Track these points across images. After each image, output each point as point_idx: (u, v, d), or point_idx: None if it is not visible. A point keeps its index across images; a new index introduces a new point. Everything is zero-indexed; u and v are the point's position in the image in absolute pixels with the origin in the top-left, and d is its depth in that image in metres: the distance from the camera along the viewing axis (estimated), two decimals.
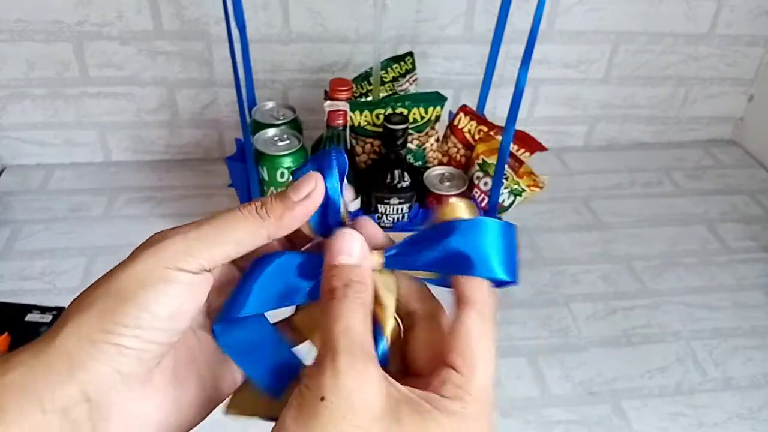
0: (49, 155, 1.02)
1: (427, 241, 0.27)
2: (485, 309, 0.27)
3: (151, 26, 0.92)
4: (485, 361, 0.26)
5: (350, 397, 0.23)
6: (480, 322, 0.26)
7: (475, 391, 0.25)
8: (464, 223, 0.27)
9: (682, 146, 1.16)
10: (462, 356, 0.26)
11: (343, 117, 0.75)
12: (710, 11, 1.02)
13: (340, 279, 0.26)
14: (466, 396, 0.25)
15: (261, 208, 0.27)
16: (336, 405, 0.23)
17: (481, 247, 0.27)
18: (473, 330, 0.26)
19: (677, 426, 0.69)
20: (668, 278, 0.87)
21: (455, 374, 0.26)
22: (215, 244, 0.26)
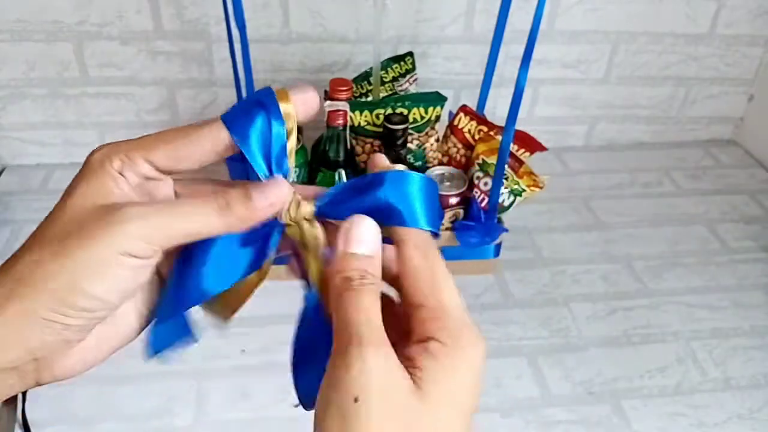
0: (49, 155, 1.02)
1: (356, 191, 0.28)
2: (421, 239, 0.28)
3: (151, 26, 0.92)
4: (445, 285, 0.27)
5: (382, 390, 0.23)
6: (421, 251, 0.27)
7: (450, 315, 0.26)
8: (391, 174, 0.28)
9: (682, 146, 1.16)
10: (421, 290, 0.27)
11: (343, 117, 0.75)
12: (710, 11, 1.02)
13: (357, 270, 0.27)
14: (442, 324, 0.26)
15: (225, 206, 0.27)
16: (370, 402, 0.23)
17: (408, 198, 0.28)
18: (419, 262, 0.27)
19: (677, 426, 0.69)
20: (668, 278, 0.87)
21: (423, 309, 0.26)
22: (173, 234, 0.26)
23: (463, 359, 0.25)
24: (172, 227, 0.26)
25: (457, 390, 0.25)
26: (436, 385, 0.24)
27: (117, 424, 0.66)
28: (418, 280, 0.27)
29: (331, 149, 0.77)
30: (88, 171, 0.28)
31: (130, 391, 0.69)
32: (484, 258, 0.84)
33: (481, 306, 0.82)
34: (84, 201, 0.27)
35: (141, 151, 0.28)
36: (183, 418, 0.67)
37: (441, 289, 0.27)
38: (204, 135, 0.28)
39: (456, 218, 0.81)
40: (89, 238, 0.25)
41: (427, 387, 0.24)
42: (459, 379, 0.25)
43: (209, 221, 0.27)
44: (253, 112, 0.28)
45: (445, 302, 0.26)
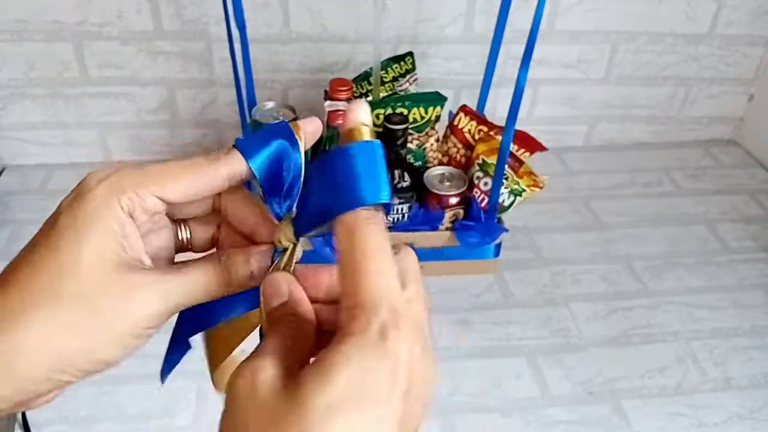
0: (49, 155, 1.02)
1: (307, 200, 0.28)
2: (348, 223, 0.24)
3: (151, 26, 0.92)
4: (362, 270, 0.23)
5: (244, 396, 0.23)
6: (345, 236, 0.24)
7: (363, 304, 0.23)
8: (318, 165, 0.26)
9: (682, 146, 1.16)
10: (342, 279, 0.24)
11: (343, 117, 0.75)
12: (710, 11, 1.02)
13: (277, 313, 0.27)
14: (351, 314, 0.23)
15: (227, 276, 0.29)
16: (232, 407, 0.23)
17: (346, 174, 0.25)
18: (343, 247, 0.24)
19: (677, 426, 0.69)
20: (668, 278, 0.87)
21: (342, 301, 0.24)
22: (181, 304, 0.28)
23: (360, 348, 0.22)
24: (184, 299, 0.28)
25: (342, 381, 0.21)
26: (315, 380, 0.22)
27: (117, 424, 0.66)
28: (341, 264, 0.24)
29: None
30: (93, 209, 0.26)
31: (130, 391, 0.69)
32: (484, 258, 0.84)
33: (481, 306, 0.82)
34: (99, 254, 0.26)
35: (151, 187, 0.27)
36: (183, 418, 0.67)
37: (360, 271, 0.23)
38: (221, 169, 0.28)
39: (456, 218, 0.81)
40: (112, 316, 0.26)
41: (305, 384, 0.22)
42: (345, 372, 0.21)
43: (213, 290, 0.29)
44: (270, 141, 0.28)
45: (360, 286, 0.23)
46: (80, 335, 0.26)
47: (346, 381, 0.21)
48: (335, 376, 0.21)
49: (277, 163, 0.28)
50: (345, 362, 0.22)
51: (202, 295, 0.29)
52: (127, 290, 0.26)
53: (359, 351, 0.22)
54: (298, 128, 0.29)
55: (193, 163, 0.28)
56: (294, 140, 0.29)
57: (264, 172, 0.28)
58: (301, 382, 0.22)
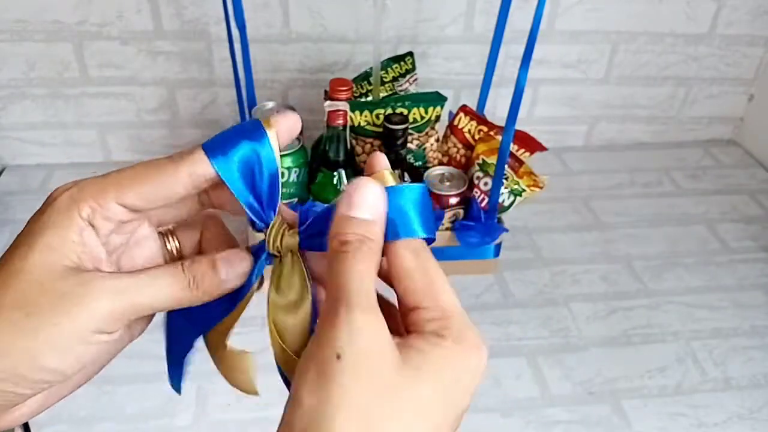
0: (49, 155, 1.02)
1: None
2: (413, 242, 0.26)
3: (151, 26, 0.92)
4: (441, 285, 0.25)
5: (367, 354, 0.23)
6: (413, 253, 0.26)
7: (450, 314, 0.25)
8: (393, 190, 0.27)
9: (682, 146, 1.16)
10: (416, 292, 0.25)
11: (343, 117, 0.75)
12: (710, 11, 1.02)
13: (355, 233, 0.25)
14: (446, 323, 0.25)
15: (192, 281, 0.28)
16: (353, 362, 0.22)
17: (400, 212, 0.26)
18: (411, 263, 0.26)
19: (677, 426, 0.69)
20: (668, 278, 0.87)
21: (422, 311, 0.25)
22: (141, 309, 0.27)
23: (463, 357, 0.24)
24: (141, 303, 0.27)
25: (448, 382, 0.24)
26: (427, 368, 0.23)
27: (117, 424, 0.66)
28: (414, 281, 0.25)
29: (331, 149, 0.77)
30: (52, 218, 0.26)
31: (130, 391, 0.69)
32: (484, 258, 0.84)
33: (481, 306, 0.82)
34: (49, 259, 0.25)
35: (111, 194, 0.26)
36: (183, 418, 0.67)
37: (438, 290, 0.25)
38: (182, 170, 0.27)
39: (456, 218, 0.81)
40: (55, 315, 0.25)
41: (417, 366, 0.23)
42: (454, 374, 0.24)
43: (176, 296, 0.28)
44: (237, 140, 0.27)
45: (446, 303, 0.25)
46: (21, 338, 0.24)
47: (449, 382, 0.24)
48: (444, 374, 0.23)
49: (249, 164, 0.27)
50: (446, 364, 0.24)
51: (164, 300, 0.27)
52: (75, 290, 0.25)
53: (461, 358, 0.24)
54: (270, 125, 0.28)
55: (156, 165, 0.27)
56: (263, 137, 0.27)
57: (235, 173, 0.27)
58: (417, 367, 0.23)
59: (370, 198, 0.26)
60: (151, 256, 0.30)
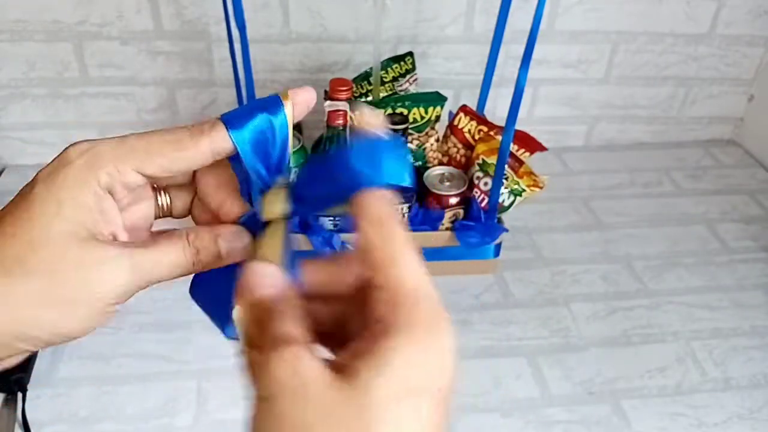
0: (49, 155, 1.00)
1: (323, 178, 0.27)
2: (376, 210, 0.25)
3: (151, 26, 0.92)
4: (402, 260, 0.24)
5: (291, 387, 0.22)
6: (375, 224, 0.25)
7: (408, 296, 0.23)
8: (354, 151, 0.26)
9: (682, 146, 1.16)
10: (374, 267, 0.24)
11: (343, 117, 0.75)
12: (710, 11, 1.02)
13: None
14: (392, 306, 0.23)
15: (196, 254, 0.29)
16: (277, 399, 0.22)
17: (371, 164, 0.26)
18: (372, 234, 0.24)
19: (677, 426, 0.69)
20: (668, 278, 0.87)
21: (378, 290, 0.24)
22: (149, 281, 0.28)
23: (411, 339, 0.22)
24: (153, 278, 0.28)
25: (398, 373, 0.21)
26: (370, 371, 0.21)
27: (117, 424, 0.66)
28: (371, 254, 0.24)
29: (331, 149, 0.77)
30: (68, 182, 0.26)
31: (130, 391, 0.69)
32: (484, 258, 0.84)
33: (481, 306, 0.82)
34: (69, 227, 0.26)
35: (133, 162, 0.27)
36: (183, 418, 0.67)
37: (394, 263, 0.24)
38: (203, 144, 0.27)
39: (456, 218, 0.81)
40: (76, 289, 0.26)
41: (359, 375, 0.21)
42: (402, 361, 0.22)
43: (181, 270, 0.29)
44: (255, 113, 0.28)
45: (397, 277, 0.23)
46: (46, 307, 0.26)
47: (401, 372, 0.21)
48: (390, 367, 0.21)
49: (263, 135, 0.28)
50: (395, 354, 0.22)
51: (171, 271, 0.28)
52: (96, 264, 0.26)
53: (411, 342, 0.22)
54: (287, 97, 0.29)
55: (176, 137, 0.27)
56: (280, 109, 0.28)
57: (249, 145, 0.28)
58: (354, 374, 0.21)
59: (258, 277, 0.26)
60: (144, 212, 0.31)
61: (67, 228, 0.26)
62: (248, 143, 0.28)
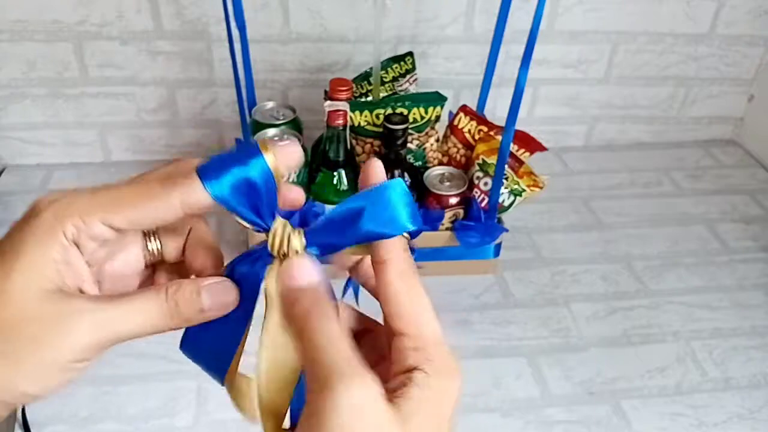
0: (49, 155, 1.02)
1: (340, 222, 0.27)
2: (403, 264, 0.27)
3: (151, 26, 0.92)
4: (425, 313, 0.26)
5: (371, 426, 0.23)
6: (402, 278, 0.27)
7: (432, 345, 0.26)
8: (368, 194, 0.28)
9: (682, 146, 1.16)
10: (401, 318, 0.26)
11: (343, 117, 0.75)
12: (710, 11, 1.02)
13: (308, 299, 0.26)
14: (427, 355, 0.25)
15: (174, 307, 0.27)
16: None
17: (388, 209, 0.27)
18: (400, 287, 0.26)
19: (677, 426, 0.69)
20: (668, 278, 0.87)
21: (405, 338, 0.26)
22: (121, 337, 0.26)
23: (445, 390, 0.25)
24: (122, 333, 0.26)
25: (439, 420, 0.25)
26: (420, 416, 0.24)
27: (117, 424, 0.66)
28: (399, 306, 0.26)
29: (331, 149, 0.77)
30: (36, 235, 0.26)
31: (130, 391, 0.69)
32: (484, 258, 0.84)
33: (481, 306, 0.82)
34: (31, 282, 0.25)
35: (99, 214, 0.26)
36: (183, 418, 0.67)
37: (422, 317, 0.26)
38: (174, 197, 0.26)
39: (456, 218, 0.81)
40: (36, 346, 0.25)
41: (410, 418, 0.24)
42: (440, 410, 0.25)
43: (159, 325, 0.27)
44: (231, 164, 0.26)
45: (427, 332, 0.26)
46: (7, 373, 0.25)
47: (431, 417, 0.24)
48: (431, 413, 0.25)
49: (244, 184, 0.26)
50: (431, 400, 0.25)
51: (144, 328, 0.27)
52: (58, 318, 0.25)
53: (444, 390, 0.25)
54: (266, 149, 0.27)
55: (147, 189, 0.26)
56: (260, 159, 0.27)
57: (229, 194, 0.26)
58: (403, 410, 0.24)
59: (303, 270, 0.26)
60: (132, 259, 0.30)
61: (27, 282, 0.25)
62: (228, 193, 0.26)
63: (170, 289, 0.27)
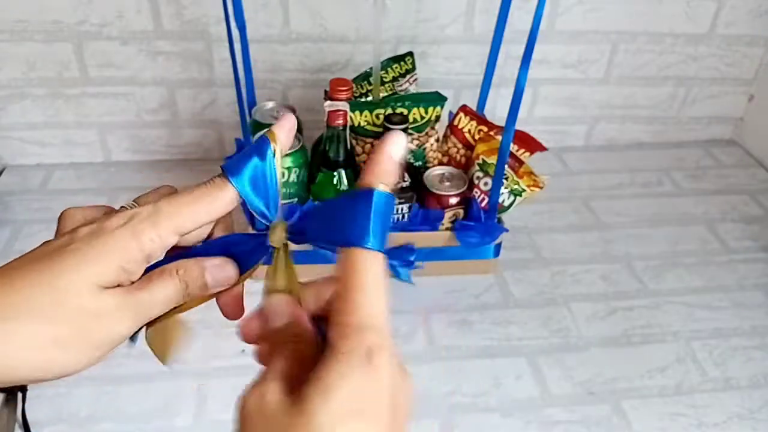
0: (49, 155, 1.02)
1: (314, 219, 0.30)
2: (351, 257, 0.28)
3: (151, 26, 0.92)
4: (359, 297, 0.27)
5: (253, 414, 0.26)
6: (342, 267, 0.28)
7: (353, 325, 0.26)
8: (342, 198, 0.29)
9: (682, 146, 1.16)
10: (336, 303, 0.27)
11: (343, 117, 0.75)
12: (710, 11, 1.02)
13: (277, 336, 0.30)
14: (342, 331, 0.26)
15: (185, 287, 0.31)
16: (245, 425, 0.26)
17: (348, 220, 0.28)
18: (340, 273, 0.28)
19: (677, 426, 0.69)
20: (668, 278, 0.87)
21: (336, 318, 0.27)
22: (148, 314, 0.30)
23: (351, 366, 0.25)
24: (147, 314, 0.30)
25: (339, 398, 0.24)
26: (316, 396, 0.25)
27: (117, 424, 0.66)
28: (338, 288, 0.28)
29: (331, 149, 0.77)
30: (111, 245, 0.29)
31: (130, 391, 0.69)
32: (484, 258, 0.84)
33: (481, 306, 0.82)
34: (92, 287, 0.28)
35: (171, 227, 0.30)
36: (183, 418, 0.67)
37: (353, 295, 0.27)
38: (229, 193, 0.30)
39: (456, 218, 0.81)
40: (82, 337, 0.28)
41: (307, 399, 0.25)
42: (343, 387, 0.25)
43: (175, 300, 0.31)
44: (247, 159, 0.31)
45: (353, 309, 0.26)
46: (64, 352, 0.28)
47: (343, 397, 0.24)
48: (334, 392, 0.24)
49: (259, 176, 0.31)
50: (340, 380, 0.25)
51: (165, 305, 0.31)
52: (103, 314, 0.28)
53: (351, 369, 0.25)
54: (274, 136, 0.31)
55: (203, 192, 0.30)
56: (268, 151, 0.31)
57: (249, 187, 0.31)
58: (304, 399, 0.25)
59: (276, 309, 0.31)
60: None
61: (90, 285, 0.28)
62: (248, 186, 0.31)
63: (180, 272, 0.31)
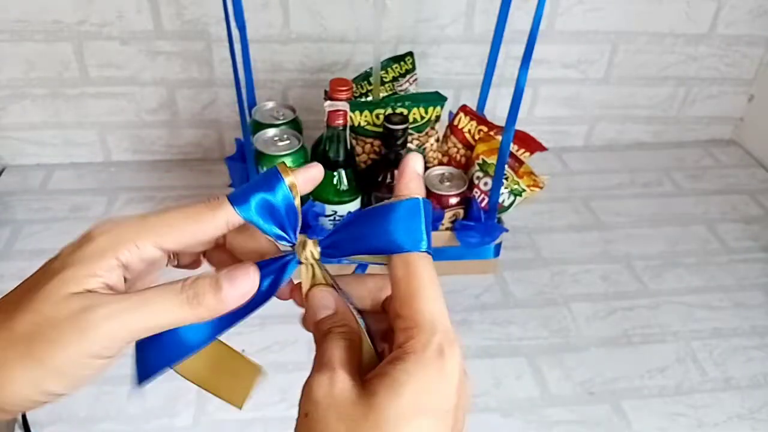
0: (49, 155, 1.02)
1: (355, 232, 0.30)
2: (406, 256, 0.28)
3: (151, 26, 0.92)
4: (422, 295, 0.27)
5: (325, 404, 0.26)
6: (403, 266, 0.28)
7: (421, 324, 0.26)
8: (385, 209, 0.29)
9: (682, 146, 1.16)
10: (397, 300, 0.28)
11: (343, 117, 0.75)
12: (710, 11, 1.02)
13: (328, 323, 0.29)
14: (412, 333, 0.26)
15: (194, 297, 0.28)
16: (315, 414, 0.26)
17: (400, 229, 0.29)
18: (399, 274, 0.28)
19: (677, 426, 0.69)
20: (668, 278, 0.87)
21: (400, 320, 0.27)
22: (143, 331, 0.27)
23: (421, 365, 0.25)
24: (141, 324, 0.27)
25: (408, 395, 0.25)
26: (386, 392, 0.25)
27: (117, 424, 0.66)
28: (398, 290, 0.28)
29: (331, 149, 0.77)
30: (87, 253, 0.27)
31: (131, 391, 0.69)
32: (484, 258, 0.84)
33: (481, 306, 0.82)
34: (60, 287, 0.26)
35: (153, 238, 0.28)
36: (183, 418, 0.67)
37: (416, 297, 0.27)
38: (220, 217, 0.29)
39: (456, 218, 0.81)
40: (59, 344, 0.26)
41: (377, 394, 0.25)
42: (413, 385, 0.25)
43: (178, 315, 0.27)
44: (255, 189, 0.30)
45: (417, 309, 0.27)
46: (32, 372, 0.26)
47: (411, 394, 0.25)
48: (403, 389, 0.25)
49: (268, 206, 0.30)
50: (408, 377, 0.25)
51: (161, 318, 0.27)
52: (77, 315, 0.26)
53: (421, 367, 0.25)
54: (287, 172, 0.30)
55: (195, 211, 0.29)
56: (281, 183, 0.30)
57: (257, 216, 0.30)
58: (374, 393, 0.25)
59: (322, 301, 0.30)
60: (158, 277, 0.32)
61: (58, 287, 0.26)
62: (256, 215, 0.30)
63: (187, 281, 0.28)
